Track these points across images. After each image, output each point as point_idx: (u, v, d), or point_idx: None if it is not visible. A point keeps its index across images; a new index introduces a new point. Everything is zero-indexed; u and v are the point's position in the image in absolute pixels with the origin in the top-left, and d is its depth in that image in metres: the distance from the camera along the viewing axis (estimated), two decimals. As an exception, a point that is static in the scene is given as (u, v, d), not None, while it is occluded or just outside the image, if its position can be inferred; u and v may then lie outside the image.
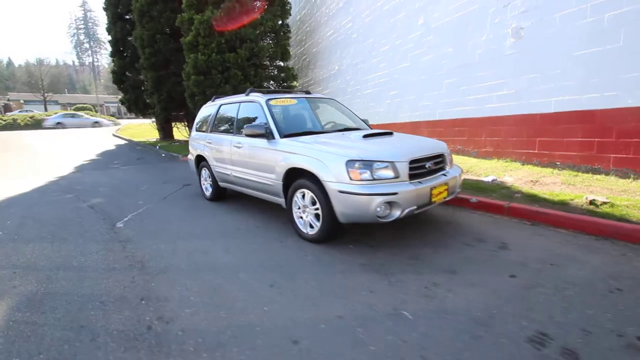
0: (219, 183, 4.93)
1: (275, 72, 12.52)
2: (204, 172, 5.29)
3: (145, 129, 23.62)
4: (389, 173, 2.83)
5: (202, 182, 5.41)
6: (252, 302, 2.25)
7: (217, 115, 5.00)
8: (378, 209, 2.73)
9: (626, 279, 2.29)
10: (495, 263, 2.65)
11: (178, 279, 2.65)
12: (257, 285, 2.47)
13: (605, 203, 3.70)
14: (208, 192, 5.26)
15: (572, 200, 3.94)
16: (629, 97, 4.28)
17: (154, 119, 16.99)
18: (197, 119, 5.64)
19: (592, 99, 4.68)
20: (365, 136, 3.41)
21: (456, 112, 6.99)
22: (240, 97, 4.60)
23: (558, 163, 5.23)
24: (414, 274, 2.53)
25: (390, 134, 3.69)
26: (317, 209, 3.13)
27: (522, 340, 1.75)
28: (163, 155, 12.66)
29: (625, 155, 4.44)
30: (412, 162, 2.96)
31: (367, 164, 2.80)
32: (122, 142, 17.60)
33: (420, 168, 3.03)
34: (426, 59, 7.69)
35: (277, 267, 2.77)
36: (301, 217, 3.36)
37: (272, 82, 12.25)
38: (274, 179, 3.61)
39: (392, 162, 2.86)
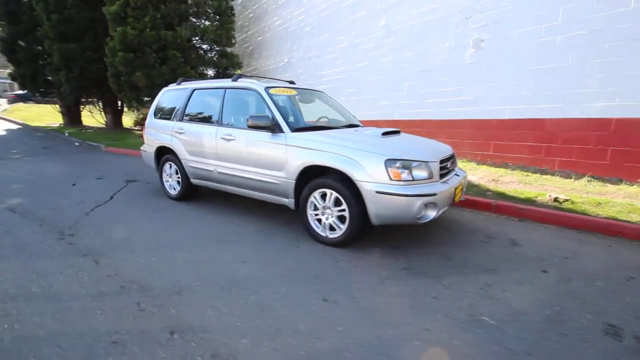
0: (192, 180, 4.27)
1: (217, 58, 11.54)
2: (168, 168, 4.52)
3: (39, 112, 19.62)
4: (424, 173, 2.76)
5: (164, 179, 4.63)
6: (317, 322, 1.94)
7: (190, 101, 4.31)
8: (419, 211, 2.64)
9: (632, 269, 2.64)
10: (521, 259, 2.80)
11: (201, 299, 2.17)
12: (307, 301, 2.16)
13: (566, 200, 4.27)
14: (174, 191, 4.52)
15: (536, 197, 4.46)
16: (574, 109, 5.03)
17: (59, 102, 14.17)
18: (155, 104, 4.79)
19: (543, 109, 5.38)
20: (384, 134, 3.29)
21: (416, 114, 7.36)
22: (225, 82, 4.02)
23: (510, 164, 5.91)
24: (459, 275, 2.52)
25: (399, 132, 3.65)
26: (342, 210, 2.90)
27: (601, 334, 1.86)
28: (77, 144, 10.63)
29: (568, 159, 5.22)
30: (441, 161, 2.95)
31: (407, 164, 2.69)
32: (14, 126, 14.31)
33: (444, 168, 3.04)
34: (386, 60, 7.91)
35: (315, 277, 2.48)
36: (318, 220, 3.09)
37: (215, 68, 11.26)
38: (282, 177, 3.24)
39: (427, 162, 2.80)
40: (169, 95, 4.74)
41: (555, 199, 4.29)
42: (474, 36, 6.19)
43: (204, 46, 11.61)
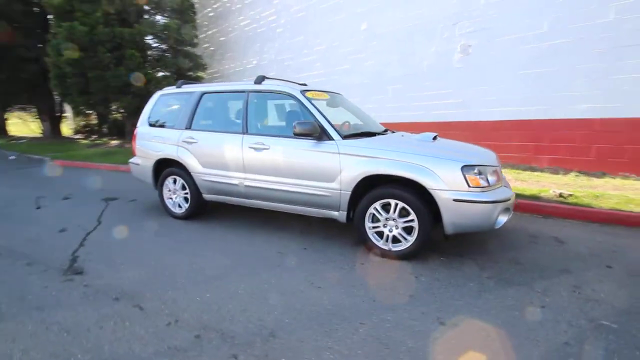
0: (205, 196, 3.78)
1: (179, 59, 10.65)
2: (172, 183, 3.95)
3: (-56, 120, 16.44)
4: (495, 178, 2.71)
5: (165, 196, 4.04)
6: (448, 348, 1.75)
7: (200, 107, 3.81)
8: (497, 217, 2.58)
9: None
10: (579, 257, 2.88)
11: (306, 339, 1.83)
12: (425, 326, 1.94)
13: (570, 195, 4.60)
14: (179, 209, 3.96)
15: (540, 193, 4.73)
16: (560, 111, 5.47)
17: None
18: (149, 110, 4.17)
19: (531, 111, 5.78)
20: (433, 138, 3.19)
21: (403, 117, 7.47)
22: (245, 85, 3.62)
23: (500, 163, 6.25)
24: (543, 279, 2.49)
25: (436, 137, 3.58)
26: (409, 221, 2.73)
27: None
28: (13, 157, 9.01)
29: (555, 156, 5.66)
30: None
31: (483, 170, 2.61)
32: None
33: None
34: (369, 63, 7.94)
35: (410, 297, 2.27)
36: (377, 233, 2.88)
37: (173, 70, 10.35)
38: (334, 189, 2.97)
39: (497, 166, 2.76)
40: (167, 100, 4.16)
41: (560, 194, 4.59)
42: (461, 42, 6.46)
43: (163, 46, 10.63)
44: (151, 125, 4.13)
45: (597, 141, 5.19)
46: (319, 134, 3.01)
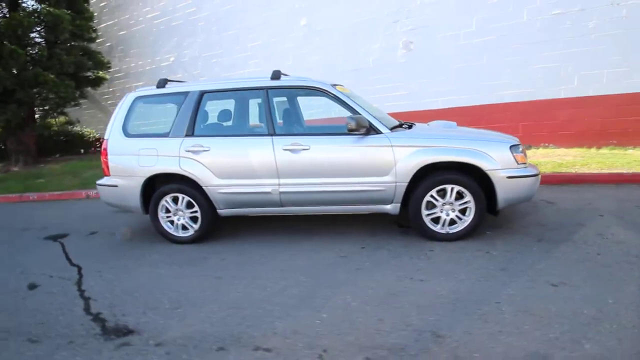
0: (221, 211, 3.27)
1: (77, 57, 8.72)
2: (171, 202, 3.29)
3: None
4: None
5: (162, 219, 3.34)
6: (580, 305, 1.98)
7: (202, 109, 3.24)
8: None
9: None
10: (574, 212, 3.51)
11: (475, 327, 1.82)
12: (543, 290, 2.14)
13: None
14: (186, 231, 3.35)
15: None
16: (490, 98, 6.50)
17: None
18: (123, 118, 3.35)
19: (468, 98, 6.70)
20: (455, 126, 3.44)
21: (337, 112, 7.73)
22: (259, 81, 3.23)
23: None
24: (574, 233, 2.95)
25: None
26: (464, 203, 2.92)
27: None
28: None
29: (491, 136, 6.72)
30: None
31: (522, 148, 2.96)
32: None
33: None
34: (314, 59, 7.95)
35: (503, 271, 2.44)
36: (433, 219, 2.98)
37: (76, 69, 8.46)
38: (389, 182, 2.94)
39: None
40: (148, 104, 3.42)
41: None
42: (403, 38, 7.03)
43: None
44: (130, 135, 3.32)
45: (522, 120, 6.39)
46: (367, 129, 2.94)
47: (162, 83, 3.41)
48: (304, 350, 1.79)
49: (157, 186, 3.37)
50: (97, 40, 10.77)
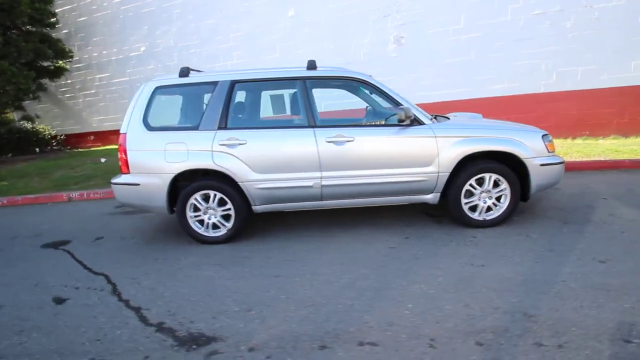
0: (256, 207, 3.12)
1: (36, 45, 7.77)
2: (201, 200, 3.07)
3: None
4: (547, 144, 3.33)
5: (191, 218, 3.11)
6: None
7: (234, 100, 3.05)
8: (561, 174, 3.21)
9: None
10: (580, 195, 3.84)
11: (580, 306, 1.93)
12: (591, 267, 2.32)
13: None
14: (217, 231, 3.15)
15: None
16: (480, 91, 6.86)
17: None
18: (143, 109, 3.05)
19: (458, 92, 7.00)
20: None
21: (346, 104, 7.74)
22: (295, 72, 3.11)
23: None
24: (592, 214, 3.24)
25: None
26: (500, 190, 3.06)
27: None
28: None
29: (477, 128, 7.09)
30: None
31: (552, 138, 3.16)
32: None
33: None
34: (302, 52, 7.80)
35: (552, 252, 2.60)
36: (470, 207, 3.10)
37: (35, 58, 7.54)
38: (432, 172, 2.99)
39: (546, 134, 3.39)
40: (169, 95, 3.14)
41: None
42: (394, 33, 7.15)
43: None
44: (152, 129, 3.04)
45: (508, 113, 6.81)
46: (411, 120, 2.97)
47: (186, 72, 3.14)
48: (410, 340, 1.78)
49: (179, 184, 3.14)
50: (56, 27, 9.70)
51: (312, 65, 3.15)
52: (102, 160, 7.28)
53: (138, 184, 3.06)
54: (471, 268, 2.47)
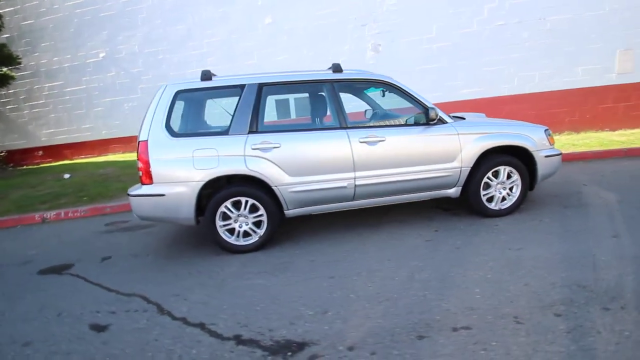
0: (289, 212, 3.07)
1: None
2: (231, 208, 2.94)
3: None
4: (545, 138, 3.71)
5: (221, 227, 2.96)
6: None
7: (263, 103, 2.98)
8: (558, 164, 3.59)
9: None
10: (564, 184, 4.32)
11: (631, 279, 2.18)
12: (605, 240, 2.65)
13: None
14: (248, 239, 3.03)
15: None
16: (451, 95, 7.39)
17: None
18: (166, 113, 2.85)
19: (431, 97, 7.40)
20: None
21: (353, 107, 7.85)
22: (323, 75, 3.16)
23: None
24: (587, 199, 3.67)
25: None
26: (513, 181, 3.35)
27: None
28: None
29: (451, 129, 7.62)
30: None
31: (551, 132, 3.53)
32: None
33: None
34: (280, 59, 7.80)
35: (569, 232, 2.91)
36: (488, 198, 3.34)
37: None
38: (455, 167, 3.19)
39: (542, 129, 3.77)
40: (190, 99, 2.97)
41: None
42: (371, 41, 7.45)
43: None
44: (176, 135, 2.85)
45: (476, 115, 7.45)
46: (436, 120, 3.15)
47: (208, 75, 3.01)
48: (498, 320, 1.88)
49: (203, 192, 2.97)
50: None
51: (337, 68, 3.21)
52: (66, 176, 6.56)
53: (163, 195, 2.84)
54: (511, 252, 2.67)
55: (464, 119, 3.54)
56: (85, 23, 8.41)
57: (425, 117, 3.17)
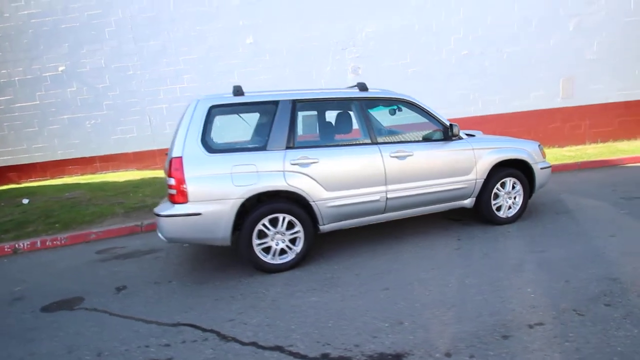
0: (324, 227, 3.06)
1: None
2: (268, 225, 2.86)
3: None
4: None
5: (258, 246, 2.85)
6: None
7: (298, 120, 2.99)
8: (547, 175, 4.05)
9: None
10: (563, 190, 4.86)
11: None
12: (604, 241, 3.04)
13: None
14: (285, 257, 2.97)
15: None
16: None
17: None
18: (201, 129, 2.72)
19: (403, 118, 7.95)
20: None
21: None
22: (350, 93, 3.29)
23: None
24: (595, 201, 4.16)
25: None
26: (516, 191, 3.70)
27: None
28: None
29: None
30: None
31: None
32: None
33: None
34: (262, 78, 7.84)
35: (578, 233, 3.28)
36: (496, 208, 3.64)
37: None
38: (471, 179, 3.46)
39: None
40: (224, 114, 2.89)
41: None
42: (351, 64, 7.82)
43: None
44: (213, 151, 2.72)
45: (447, 134, 8.09)
46: (454, 136, 3.42)
47: (240, 91, 2.97)
48: (562, 315, 2.06)
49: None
50: None
51: (363, 87, 3.36)
52: (24, 201, 5.76)
53: (199, 214, 2.67)
54: (537, 255, 2.94)
55: (474, 135, 3.88)
56: (42, 34, 7.69)
57: (444, 134, 3.42)
